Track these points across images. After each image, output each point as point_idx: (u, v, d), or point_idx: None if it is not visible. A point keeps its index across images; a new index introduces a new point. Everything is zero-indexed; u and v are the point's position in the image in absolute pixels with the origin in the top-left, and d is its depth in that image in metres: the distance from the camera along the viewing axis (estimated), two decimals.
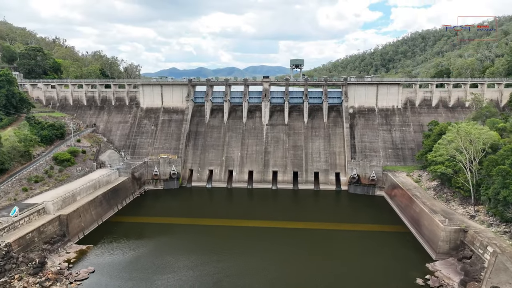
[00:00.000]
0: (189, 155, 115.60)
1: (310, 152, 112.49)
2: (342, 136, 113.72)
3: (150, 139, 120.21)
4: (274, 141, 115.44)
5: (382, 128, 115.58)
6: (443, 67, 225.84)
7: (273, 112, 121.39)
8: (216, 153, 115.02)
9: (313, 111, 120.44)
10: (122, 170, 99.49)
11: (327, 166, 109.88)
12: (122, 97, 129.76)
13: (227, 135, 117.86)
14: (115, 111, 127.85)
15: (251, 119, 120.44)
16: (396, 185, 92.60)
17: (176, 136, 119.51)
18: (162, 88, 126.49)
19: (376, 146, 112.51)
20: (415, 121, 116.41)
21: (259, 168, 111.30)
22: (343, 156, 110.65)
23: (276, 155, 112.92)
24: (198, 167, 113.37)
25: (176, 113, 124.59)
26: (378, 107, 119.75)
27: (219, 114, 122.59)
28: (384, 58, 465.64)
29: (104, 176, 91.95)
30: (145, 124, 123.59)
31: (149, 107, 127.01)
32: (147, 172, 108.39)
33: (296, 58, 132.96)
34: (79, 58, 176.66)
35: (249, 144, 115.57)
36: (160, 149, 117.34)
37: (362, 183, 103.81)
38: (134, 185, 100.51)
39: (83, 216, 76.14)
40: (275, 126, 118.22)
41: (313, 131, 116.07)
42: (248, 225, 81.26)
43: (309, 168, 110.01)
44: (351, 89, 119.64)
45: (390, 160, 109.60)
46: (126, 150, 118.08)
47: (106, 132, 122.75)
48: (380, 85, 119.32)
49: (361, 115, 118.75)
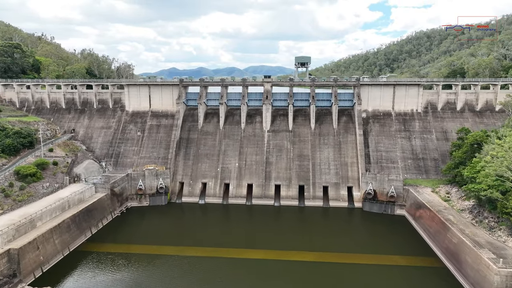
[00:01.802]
0: (180, 165, 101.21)
1: (318, 162, 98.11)
2: (355, 145, 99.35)
3: (135, 147, 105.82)
4: (277, 149, 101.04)
5: (400, 135, 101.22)
6: (456, 67, 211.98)
7: (275, 116, 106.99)
8: (210, 163, 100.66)
9: (321, 116, 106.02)
10: (100, 185, 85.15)
11: (338, 179, 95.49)
12: (105, 99, 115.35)
13: (223, 142, 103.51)
14: (97, 115, 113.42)
15: (251, 124, 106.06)
16: (421, 205, 78.29)
17: (165, 143, 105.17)
18: (150, 89, 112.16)
19: (393, 156, 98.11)
20: (437, 127, 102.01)
21: (260, 181, 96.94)
22: (356, 168, 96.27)
23: (279, 166, 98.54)
24: (190, 179, 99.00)
25: (165, 118, 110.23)
26: (395, 111, 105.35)
27: (214, 119, 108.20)
28: (388, 57, 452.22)
29: (77, 193, 77.72)
30: (131, 129, 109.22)
31: (135, 110, 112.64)
32: (130, 186, 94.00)
33: (301, 55, 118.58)
34: (63, 57, 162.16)
35: (248, 153, 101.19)
36: (146, 159, 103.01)
37: (379, 199, 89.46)
38: (113, 202, 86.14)
39: (43, 247, 61.78)
40: (278, 132, 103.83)
41: (321, 139, 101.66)
42: (246, 257, 66.93)
43: (317, 182, 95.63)
44: (364, 90, 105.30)
45: (410, 173, 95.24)
46: (108, 159, 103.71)
47: (86, 139, 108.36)
48: (397, 86, 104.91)
49: (376, 120, 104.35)
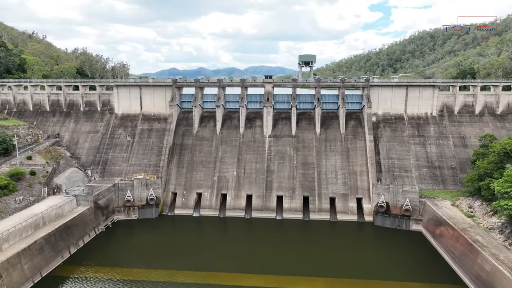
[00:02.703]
0: (172, 174, 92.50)
1: (324, 171, 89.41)
2: (364, 151, 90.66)
3: (125, 153, 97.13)
4: (279, 157, 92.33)
5: (413, 141, 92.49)
6: (465, 67, 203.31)
7: (277, 120, 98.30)
8: (206, 172, 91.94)
9: (327, 119, 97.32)
10: (82, 197, 76.46)
11: (346, 190, 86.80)
12: (93, 101, 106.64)
13: (220, 149, 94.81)
14: (83, 118, 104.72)
15: (250, 128, 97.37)
16: (441, 221, 69.59)
17: (157, 149, 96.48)
18: (141, 90, 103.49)
19: (407, 164, 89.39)
20: (454, 132, 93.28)
21: (260, 192, 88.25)
22: (365, 177, 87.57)
23: (281, 175, 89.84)
24: (183, 189, 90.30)
25: (158, 121, 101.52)
26: (408, 114, 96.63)
27: (210, 123, 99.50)
28: (390, 57, 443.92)
29: (54, 207, 69.07)
30: (120, 134, 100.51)
31: (125, 113, 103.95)
32: (118, 197, 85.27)
33: (305, 54, 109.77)
34: (53, 56, 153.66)
35: (248, 161, 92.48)
36: (136, 166, 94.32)
37: (392, 213, 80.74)
38: (97, 216, 77.45)
39: (8, 275, 53.12)
40: (280, 138, 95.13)
41: (328, 145, 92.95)
42: (244, 284, 58.14)
43: (323, 192, 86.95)
44: (374, 92, 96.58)
45: (425, 183, 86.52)
46: (94, 167, 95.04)
47: (71, 145, 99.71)
48: (410, 87, 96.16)
49: (387, 125, 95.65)
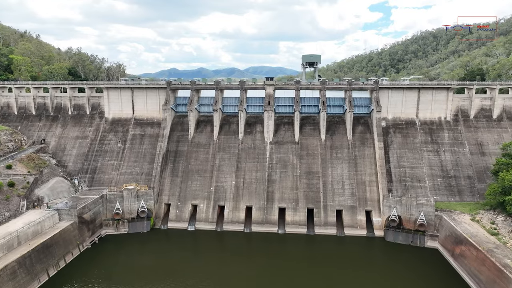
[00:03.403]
0: (166, 183, 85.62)
1: (329, 181, 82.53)
2: (373, 159, 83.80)
3: (115, 160, 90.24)
4: (281, 165, 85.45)
5: (426, 148, 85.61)
6: (472, 67, 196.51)
7: (279, 125, 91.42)
8: (202, 181, 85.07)
9: (333, 124, 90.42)
10: (65, 211, 69.57)
11: (354, 202, 79.92)
12: (82, 104, 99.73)
13: (218, 156, 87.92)
14: (71, 123, 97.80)
15: (250, 134, 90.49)
16: (462, 239, 62.71)
17: (149, 156, 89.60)
18: (133, 92, 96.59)
19: (419, 173, 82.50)
20: (470, 138, 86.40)
21: (261, 203, 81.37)
22: (375, 188, 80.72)
23: (283, 185, 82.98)
24: (178, 201, 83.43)
25: (151, 126, 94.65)
26: (420, 119, 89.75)
27: (207, 128, 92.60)
28: (393, 58, 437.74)
29: (32, 224, 62.21)
30: (110, 140, 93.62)
31: (116, 117, 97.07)
32: (106, 209, 78.44)
33: (309, 54, 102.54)
34: (45, 56, 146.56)
35: (247, 169, 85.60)
36: (127, 175, 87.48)
37: (405, 227, 73.87)
38: (82, 232, 70.59)
39: None
40: (282, 144, 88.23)
41: (334, 152, 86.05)
42: None
43: (329, 204, 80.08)
44: (383, 95, 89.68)
45: (440, 194, 79.68)
46: (82, 175, 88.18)
47: (57, 151, 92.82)
48: (422, 90, 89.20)
49: (397, 130, 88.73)
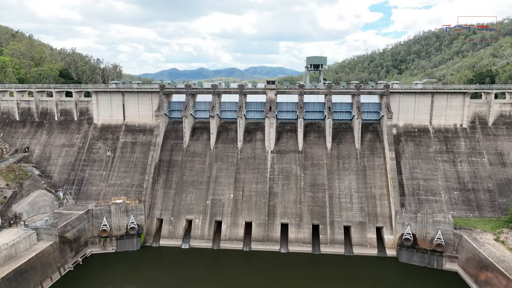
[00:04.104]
0: (158, 196, 78.89)
1: (336, 194, 75.77)
2: (384, 171, 77.06)
3: (104, 170, 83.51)
4: (283, 176, 78.66)
5: (441, 158, 78.84)
6: (480, 68, 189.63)
7: (281, 132, 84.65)
8: (197, 194, 78.31)
9: (339, 132, 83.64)
10: (44, 230, 62.81)
11: (363, 217, 73.14)
12: (69, 110, 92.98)
13: (215, 166, 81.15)
14: (58, 129, 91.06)
15: (250, 143, 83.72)
16: (486, 264, 55.97)
17: (141, 166, 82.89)
18: (124, 97, 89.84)
19: (434, 185, 75.72)
20: (489, 147, 79.64)
21: (261, 219, 74.61)
22: (386, 202, 73.96)
23: (286, 199, 76.21)
24: (171, 215, 76.66)
25: (143, 133, 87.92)
26: (433, 126, 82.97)
27: (203, 135, 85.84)
28: (395, 58, 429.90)
29: (4, 248, 55.54)
30: (99, 148, 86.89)
31: (105, 123, 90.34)
32: (92, 226, 71.73)
33: (314, 56, 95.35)
34: (35, 57, 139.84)
35: (247, 181, 78.84)
36: (117, 187, 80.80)
37: (421, 247, 67.07)
38: (64, 252, 63.84)
39: None
40: (285, 153, 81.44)
41: (341, 162, 79.27)
42: None
43: (335, 220, 73.29)
44: (394, 100, 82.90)
45: (457, 208, 72.94)
46: (68, 187, 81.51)
47: (42, 160, 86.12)
48: (436, 94, 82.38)
49: (409, 138, 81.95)
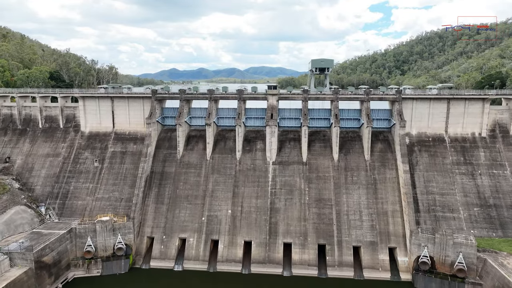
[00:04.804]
0: (149, 212, 72.11)
1: (344, 210, 68.97)
2: (396, 184, 70.29)
3: (90, 183, 76.73)
4: (286, 190, 71.87)
5: (459, 170, 72.02)
6: (488, 70, 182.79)
7: (283, 141, 77.87)
8: (192, 209, 71.53)
9: (347, 141, 76.86)
10: (18, 255, 55.93)
11: (374, 236, 66.35)
12: (55, 116, 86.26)
13: (211, 179, 74.35)
14: (42, 138, 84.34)
15: (249, 153, 76.94)
16: None
17: (131, 178, 76.13)
18: (114, 102, 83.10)
19: (452, 201, 68.90)
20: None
21: (262, 238, 67.81)
22: (399, 219, 67.19)
23: (289, 215, 69.41)
24: (163, 234, 69.85)
25: (134, 142, 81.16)
26: (449, 134, 76.18)
27: (199, 144, 79.07)
28: (397, 59, 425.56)
29: None
30: (86, 158, 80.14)
31: (93, 131, 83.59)
32: (75, 246, 64.90)
33: (319, 58, 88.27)
34: (24, 58, 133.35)
35: (246, 196, 72.03)
36: (105, 201, 74.04)
37: (440, 272, 60.20)
38: (41, 279, 57.00)
39: None
40: (287, 165, 74.64)
41: (349, 175, 72.47)
42: None
43: (344, 240, 66.49)
44: (406, 106, 76.09)
45: (478, 227, 66.13)
46: (51, 201, 74.76)
47: (24, 172, 79.40)
48: (453, 101, 75.58)
49: (423, 148, 75.14)
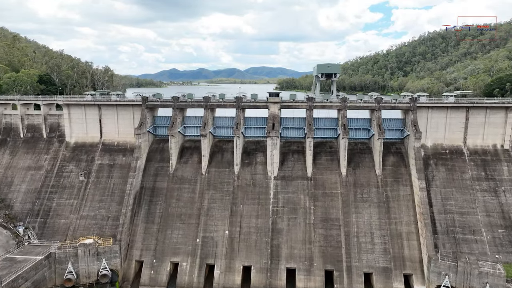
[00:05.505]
0: (138, 233, 65.40)
1: (354, 231, 62.25)
2: (411, 202, 63.59)
3: (75, 199, 70.03)
4: (289, 209, 65.12)
5: (480, 187, 65.25)
6: (497, 73, 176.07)
7: (286, 154, 71.13)
8: (185, 230, 64.81)
9: (356, 154, 70.10)
10: None
11: (387, 262, 59.61)
12: (37, 125, 79.61)
13: (207, 196, 67.63)
14: (23, 149, 77.68)
15: (249, 166, 70.19)
16: None
17: (119, 194, 69.41)
18: (101, 110, 76.38)
19: (473, 221, 62.16)
20: None
21: (262, 263, 61.06)
22: (415, 242, 60.51)
23: (292, 237, 62.68)
24: (153, 257, 63.11)
25: (123, 153, 74.48)
26: (468, 146, 69.44)
27: (193, 157, 72.36)
28: (400, 60, 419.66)
29: None
30: (70, 171, 73.45)
31: (79, 141, 76.90)
32: (54, 273, 58.19)
33: (325, 63, 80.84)
34: (13, 61, 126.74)
35: (245, 214, 65.29)
36: (90, 219, 67.36)
37: None
38: None
39: None
40: (290, 180, 67.87)
41: (358, 192, 65.72)
42: None
43: (353, 265, 59.76)
44: (421, 115, 69.25)
45: (504, 251, 59.37)
46: (31, 220, 68.11)
47: (2, 186, 72.72)
48: (472, 109, 68.81)
49: (439, 162, 68.38)
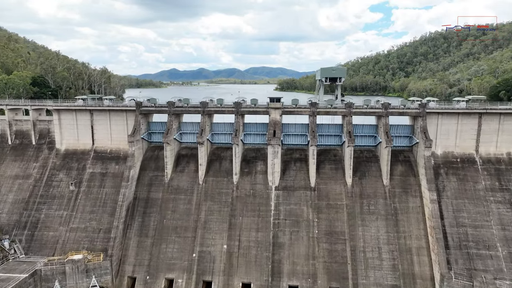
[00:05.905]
0: (131, 247, 61.60)
1: (360, 246, 58.41)
2: (421, 215, 59.76)
3: (65, 210, 66.24)
4: (291, 222, 61.28)
5: (494, 198, 61.37)
6: (503, 74, 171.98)
7: (287, 162, 67.26)
8: (181, 244, 61.00)
9: (362, 162, 66.24)
10: None
11: (396, 279, 55.80)
12: (26, 131, 75.79)
13: (204, 207, 63.81)
14: (11, 156, 73.89)
15: (248, 176, 66.35)
16: None
17: (111, 204, 65.61)
18: (93, 116, 72.54)
19: (487, 235, 58.29)
20: None
21: (263, 280, 57.25)
22: (425, 258, 56.70)
23: (295, 252, 58.83)
24: (146, 273, 59.32)
25: (116, 161, 70.67)
26: (481, 155, 65.55)
27: (190, 165, 68.52)
28: (401, 60, 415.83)
29: None
30: (60, 180, 69.61)
31: (70, 149, 73.10)
32: None
33: (330, 67, 76.25)
34: (6, 63, 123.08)
35: (244, 227, 61.47)
36: (80, 232, 63.58)
37: None
38: None
39: None
40: (293, 191, 64.04)
41: (365, 203, 61.87)
42: None
43: (360, 283, 55.95)
44: (431, 122, 65.41)
45: None
46: (18, 233, 64.35)
47: None
48: (485, 115, 64.92)
49: (450, 171, 64.49)
